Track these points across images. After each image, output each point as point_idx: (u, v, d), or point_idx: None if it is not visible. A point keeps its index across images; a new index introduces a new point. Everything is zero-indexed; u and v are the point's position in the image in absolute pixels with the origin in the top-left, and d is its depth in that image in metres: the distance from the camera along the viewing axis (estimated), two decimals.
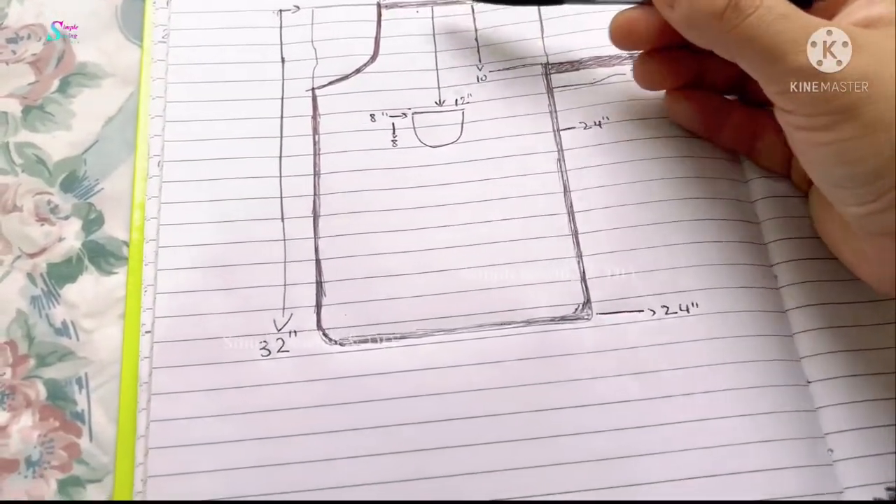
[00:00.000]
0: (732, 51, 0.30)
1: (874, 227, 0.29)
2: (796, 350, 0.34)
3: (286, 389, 0.33)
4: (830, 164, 0.29)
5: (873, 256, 0.31)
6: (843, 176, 0.29)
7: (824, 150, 0.29)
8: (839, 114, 0.27)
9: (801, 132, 0.30)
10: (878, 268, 0.31)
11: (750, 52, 0.30)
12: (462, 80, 0.39)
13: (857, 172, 0.28)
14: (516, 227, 0.36)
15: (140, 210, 0.37)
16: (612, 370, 0.33)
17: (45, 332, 0.35)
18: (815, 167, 0.30)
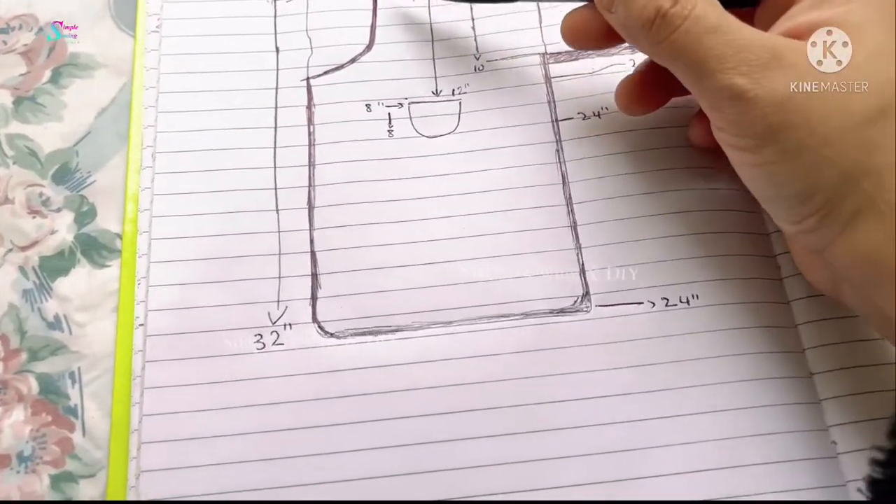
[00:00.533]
0: (665, 62, 0.30)
1: (802, 244, 0.30)
2: (800, 341, 0.33)
3: (281, 383, 0.33)
4: (758, 184, 0.29)
5: (807, 263, 0.31)
6: (772, 196, 0.29)
7: (752, 171, 0.29)
8: (762, 137, 0.27)
9: (730, 150, 0.29)
10: (812, 274, 0.31)
11: (680, 65, 0.29)
12: (459, 69, 0.39)
13: (783, 195, 0.28)
14: (514, 219, 0.35)
15: (133, 202, 0.36)
16: (612, 363, 0.32)
17: (38, 326, 0.34)
18: (749, 185, 0.30)
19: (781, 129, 0.27)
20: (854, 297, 0.29)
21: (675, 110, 0.37)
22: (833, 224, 0.27)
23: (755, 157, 0.28)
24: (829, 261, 0.28)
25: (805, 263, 0.32)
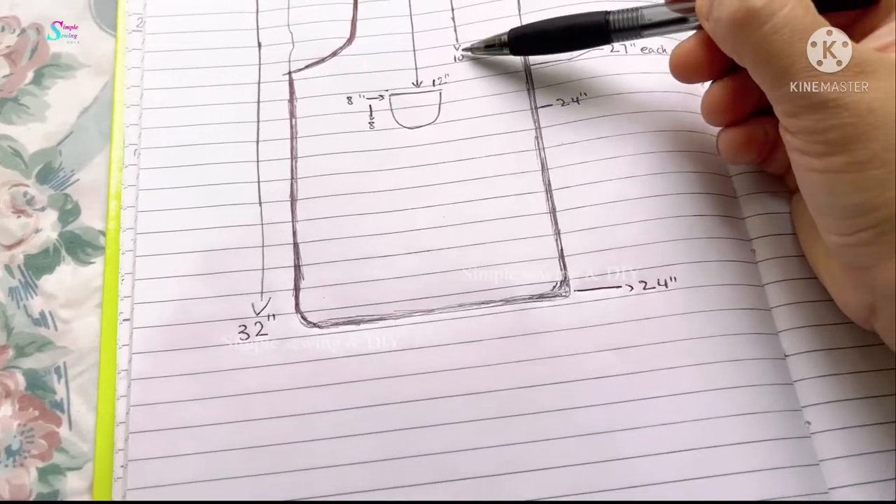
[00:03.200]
0: (749, 62, 0.29)
1: (848, 259, 0.29)
2: (774, 324, 0.33)
3: (265, 373, 0.33)
4: (818, 191, 0.28)
5: (843, 283, 0.31)
6: (827, 205, 0.28)
7: (815, 177, 0.28)
8: (835, 145, 0.27)
9: (796, 153, 0.29)
10: (845, 294, 0.31)
11: (763, 66, 0.28)
12: (439, 60, 0.39)
13: (840, 205, 0.28)
14: (494, 207, 0.36)
15: (116, 199, 0.36)
16: (592, 346, 0.33)
17: (24, 323, 0.35)
18: (805, 190, 0.29)
19: (857, 140, 0.26)
20: (890, 320, 0.29)
21: (654, 94, 0.37)
22: (889, 242, 0.27)
23: (822, 163, 0.27)
24: (873, 281, 0.28)
25: (840, 281, 0.31)
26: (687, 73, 0.33)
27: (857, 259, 0.28)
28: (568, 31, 0.36)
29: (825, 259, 0.32)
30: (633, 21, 0.34)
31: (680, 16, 0.33)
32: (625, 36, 0.35)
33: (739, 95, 0.32)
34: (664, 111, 0.37)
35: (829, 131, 0.27)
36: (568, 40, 0.36)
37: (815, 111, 0.27)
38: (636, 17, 0.34)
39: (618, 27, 0.34)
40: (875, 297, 0.29)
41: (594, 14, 0.35)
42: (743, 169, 0.36)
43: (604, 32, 0.35)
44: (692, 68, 0.33)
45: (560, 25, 0.36)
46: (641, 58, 0.38)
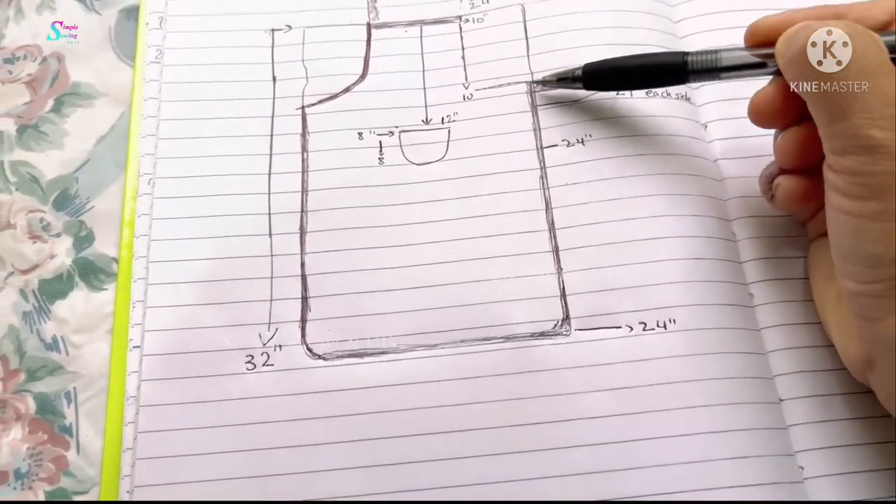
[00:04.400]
0: (807, 95, 0.29)
1: (858, 307, 0.29)
2: (769, 368, 0.34)
3: (271, 403, 0.34)
4: (845, 234, 0.29)
5: (848, 332, 0.31)
6: (851, 250, 0.28)
7: (845, 220, 0.28)
8: (875, 190, 0.27)
9: (833, 193, 0.29)
10: (847, 343, 0.31)
11: (821, 102, 0.29)
12: (449, 98, 0.40)
13: (863, 252, 0.28)
14: (499, 244, 0.36)
15: (129, 227, 0.37)
16: (590, 386, 0.33)
17: (36, 347, 0.36)
18: (833, 231, 0.29)
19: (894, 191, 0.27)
20: (889, 375, 0.29)
21: (658, 138, 0.38)
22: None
23: (856, 207, 0.28)
24: (877, 333, 0.28)
25: (845, 329, 0.31)
26: (764, 119, 0.33)
27: (867, 309, 0.28)
28: (645, 69, 0.36)
29: (834, 305, 0.32)
30: (711, 63, 0.34)
31: (759, 60, 0.33)
32: (702, 77, 0.35)
33: (811, 140, 0.32)
34: (668, 154, 0.38)
35: (872, 176, 0.27)
36: (643, 78, 0.36)
37: (863, 153, 0.27)
38: (715, 59, 0.34)
39: (696, 69, 0.34)
40: (875, 349, 0.29)
41: (673, 54, 0.35)
42: (742, 213, 0.37)
43: (681, 73, 0.35)
44: (769, 114, 0.33)
45: (638, 64, 0.36)
46: (647, 101, 0.39)
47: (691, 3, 0.42)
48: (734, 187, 0.38)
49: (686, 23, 0.41)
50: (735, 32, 0.34)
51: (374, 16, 0.42)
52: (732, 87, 0.39)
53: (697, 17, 0.41)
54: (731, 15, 0.41)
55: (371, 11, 0.42)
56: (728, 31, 0.40)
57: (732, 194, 0.37)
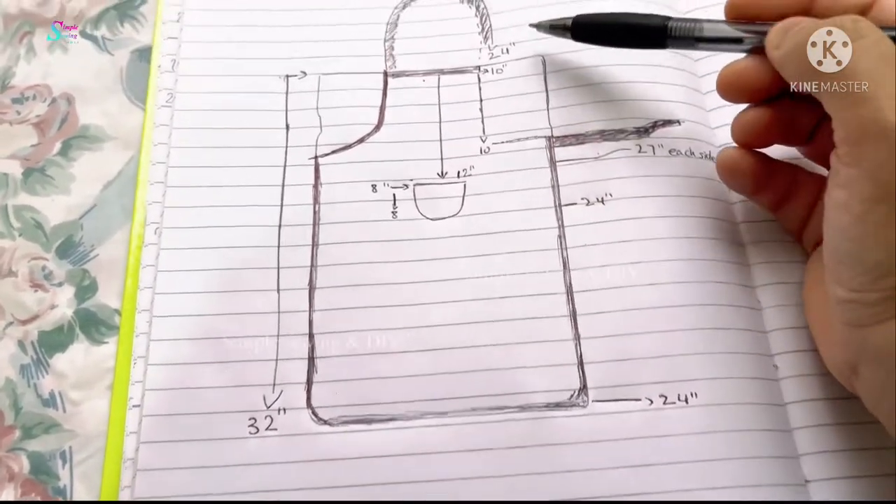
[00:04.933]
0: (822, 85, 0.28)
1: (846, 314, 0.28)
2: (795, 446, 0.33)
3: (273, 470, 0.32)
4: (844, 236, 0.27)
5: (833, 336, 0.30)
6: (848, 253, 0.27)
7: (847, 220, 0.27)
8: (885, 189, 0.26)
9: (839, 189, 0.28)
10: (832, 349, 0.30)
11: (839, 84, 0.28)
12: (465, 151, 0.39)
13: (861, 257, 0.27)
14: (514, 306, 0.35)
15: (133, 278, 0.36)
16: (608, 462, 0.32)
17: (33, 403, 0.35)
18: (831, 230, 0.28)
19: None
20: (873, 382, 0.28)
21: (681, 199, 0.36)
22: (891, 308, 0.26)
23: (861, 207, 0.27)
24: (863, 340, 0.27)
25: (830, 333, 0.30)
26: (736, 92, 0.33)
27: (856, 317, 0.27)
28: (627, 28, 0.37)
29: (822, 307, 0.31)
30: (690, 31, 0.34)
31: (738, 35, 0.33)
32: (680, 44, 0.35)
33: (772, 122, 0.33)
34: (690, 217, 0.36)
35: (888, 172, 0.26)
36: (626, 36, 0.37)
37: (880, 142, 0.26)
38: (694, 27, 0.34)
39: (675, 34, 0.35)
40: (860, 357, 0.28)
41: (655, 17, 0.35)
42: (768, 280, 0.35)
43: (661, 36, 0.35)
44: (742, 89, 0.33)
45: (622, 21, 0.37)
46: (670, 160, 0.38)
47: (714, 57, 0.41)
48: (758, 252, 0.36)
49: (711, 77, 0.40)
50: None
51: (391, 64, 0.41)
52: None
53: None
54: None
55: (388, 59, 0.41)
56: None
57: (756, 260, 0.36)
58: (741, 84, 0.33)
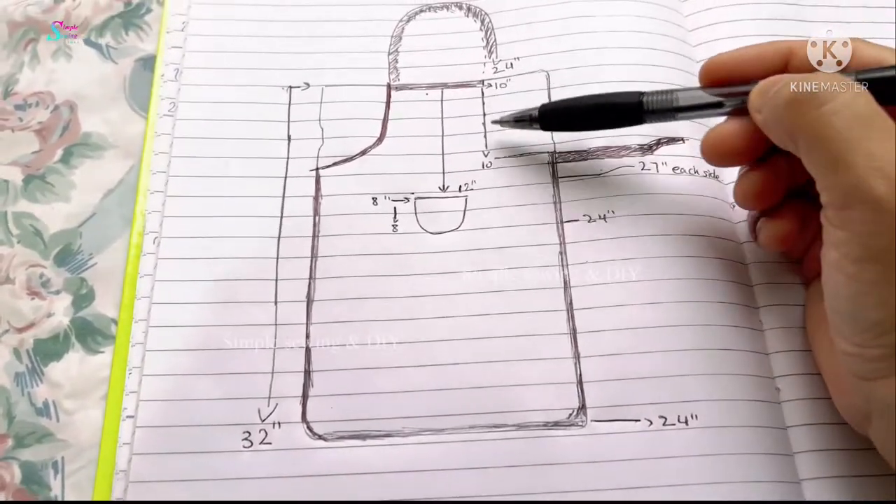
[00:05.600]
0: (802, 146, 0.28)
1: (852, 367, 0.28)
2: (797, 471, 0.32)
3: (266, 484, 0.32)
4: (842, 296, 0.27)
5: (843, 384, 0.30)
6: (848, 312, 0.27)
7: (843, 280, 0.27)
8: (876, 251, 0.25)
9: (832, 249, 0.27)
10: (843, 396, 0.30)
11: (818, 151, 0.27)
12: (467, 165, 0.39)
13: (861, 316, 0.26)
14: (514, 323, 0.35)
15: (131, 288, 0.36)
16: (606, 483, 0.31)
17: (26, 412, 0.34)
18: (829, 289, 0.28)
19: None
20: (887, 433, 0.28)
21: (684, 217, 0.36)
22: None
23: (855, 269, 0.26)
24: (872, 392, 0.27)
25: (841, 384, 0.30)
26: (722, 157, 0.33)
27: (861, 370, 0.27)
28: (601, 109, 0.35)
29: (830, 355, 0.30)
30: (667, 103, 0.33)
31: (716, 100, 0.32)
32: (658, 118, 0.34)
33: (773, 182, 0.32)
34: (693, 235, 0.36)
35: (879, 235, 0.25)
36: (600, 119, 0.36)
37: (867, 208, 0.25)
38: (671, 99, 0.33)
39: (652, 108, 0.34)
40: (871, 406, 0.28)
41: (628, 94, 0.35)
42: (770, 301, 0.35)
43: (637, 113, 0.34)
44: (729, 153, 0.32)
45: (593, 103, 0.36)
46: (673, 178, 0.37)
47: None
48: (761, 273, 0.36)
49: None
50: None
51: (395, 77, 0.41)
52: None
53: None
54: None
55: (392, 72, 0.41)
56: None
57: (759, 280, 0.36)
58: (727, 148, 0.32)
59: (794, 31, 0.41)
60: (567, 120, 0.37)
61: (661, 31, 0.41)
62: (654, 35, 0.41)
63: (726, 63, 0.32)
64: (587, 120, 0.36)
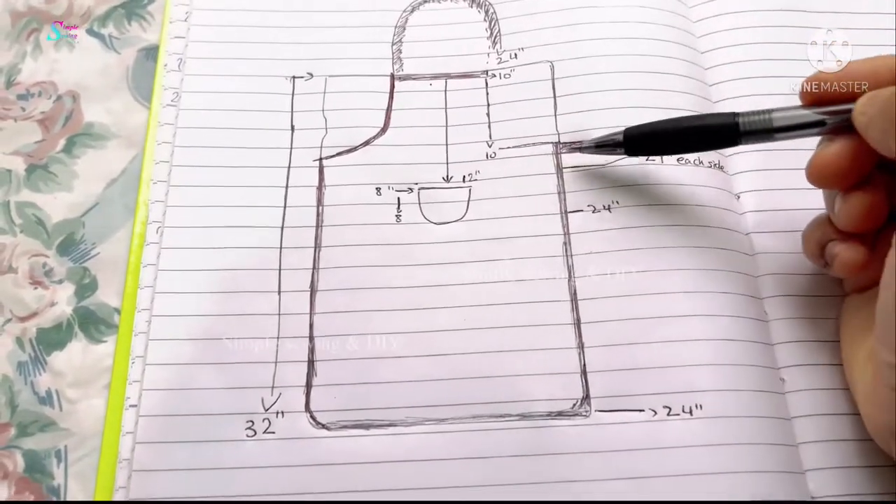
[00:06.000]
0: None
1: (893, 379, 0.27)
2: (801, 462, 0.32)
3: (270, 473, 0.32)
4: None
5: (875, 399, 0.29)
6: None
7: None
8: None
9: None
10: (874, 411, 0.29)
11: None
12: (471, 156, 0.39)
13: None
14: (517, 313, 0.35)
15: (134, 277, 0.36)
16: (610, 473, 0.31)
17: (29, 401, 0.34)
18: (887, 293, 0.27)
19: None
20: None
21: (689, 207, 0.36)
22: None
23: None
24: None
25: (872, 396, 0.29)
26: (830, 180, 0.31)
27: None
28: (695, 132, 0.34)
29: (863, 367, 0.30)
30: (765, 123, 0.32)
31: (818, 118, 0.31)
32: (755, 139, 0.33)
33: (881, 202, 0.30)
34: (698, 226, 0.36)
35: None
36: (694, 142, 0.34)
37: None
38: (768, 119, 0.32)
39: (748, 129, 0.32)
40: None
41: (723, 115, 0.33)
42: (775, 292, 0.35)
43: (733, 135, 0.33)
44: (837, 175, 0.31)
45: (685, 126, 0.34)
46: (678, 168, 0.37)
47: (724, 67, 0.40)
48: (767, 263, 0.36)
49: (720, 86, 0.40)
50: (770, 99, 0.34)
51: (399, 67, 0.41)
52: (767, 157, 0.37)
53: (733, 81, 0.40)
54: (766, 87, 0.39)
55: (395, 63, 0.41)
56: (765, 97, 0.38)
57: (765, 271, 0.36)
58: (835, 170, 0.31)
59: (800, 22, 0.41)
60: (657, 144, 0.35)
61: (665, 21, 0.41)
62: (659, 26, 0.41)
63: (828, 81, 0.31)
64: (679, 144, 0.35)
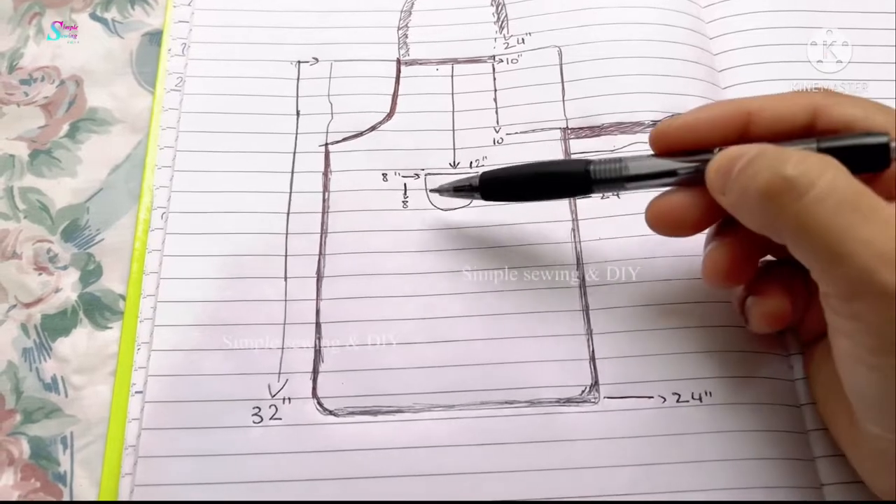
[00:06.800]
0: (788, 239, 0.26)
1: (882, 447, 0.26)
2: (811, 449, 0.32)
3: (276, 460, 0.32)
4: (865, 385, 0.25)
5: (871, 463, 0.28)
6: (875, 398, 0.25)
7: (864, 371, 0.25)
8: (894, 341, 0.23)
9: (843, 339, 0.26)
10: (877, 475, 0.28)
11: (808, 244, 0.25)
12: (478, 142, 0.38)
13: (885, 405, 0.25)
14: (525, 299, 0.34)
15: (139, 263, 0.36)
16: (619, 460, 0.31)
17: (34, 387, 0.34)
18: (848, 379, 0.26)
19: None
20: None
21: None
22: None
23: (877, 361, 0.24)
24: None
25: (868, 456, 0.28)
26: (671, 228, 0.31)
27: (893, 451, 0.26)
28: (545, 178, 0.33)
29: (849, 427, 0.29)
30: (615, 172, 0.31)
31: (670, 168, 0.30)
32: (607, 187, 0.32)
33: (746, 253, 0.30)
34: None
35: (892, 323, 0.23)
36: (545, 189, 0.33)
37: (877, 300, 0.23)
38: (619, 168, 0.31)
39: (599, 178, 0.31)
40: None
41: (575, 162, 0.32)
42: None
43: (584, 183, 0.32)
44: (679, 224, 0.30)
45: (537, 172, 0.33)
46: None
47: (733, 53, 0.40)
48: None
49: (729, 72, 0.40)
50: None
51: (405, 52, 0.41)
52: None
53: (742, 67, 0.40)
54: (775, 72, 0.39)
55: (401, 47, 0.41)
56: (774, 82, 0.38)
57: None
58: (676, 220, 0.30)
59: (809, 6, 0.40)
60: (509, 189, 0.34)
61: (674, 6, 0.40)
62: (668, 11, 0.40)
63: (678, 129, 0.30)
64: (531, 190, 0.33)
